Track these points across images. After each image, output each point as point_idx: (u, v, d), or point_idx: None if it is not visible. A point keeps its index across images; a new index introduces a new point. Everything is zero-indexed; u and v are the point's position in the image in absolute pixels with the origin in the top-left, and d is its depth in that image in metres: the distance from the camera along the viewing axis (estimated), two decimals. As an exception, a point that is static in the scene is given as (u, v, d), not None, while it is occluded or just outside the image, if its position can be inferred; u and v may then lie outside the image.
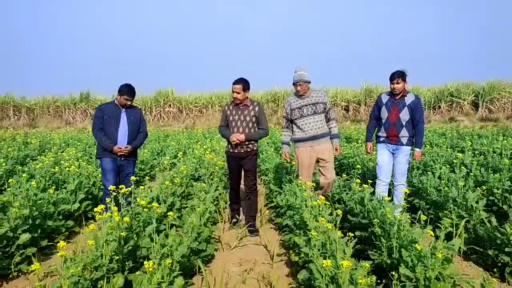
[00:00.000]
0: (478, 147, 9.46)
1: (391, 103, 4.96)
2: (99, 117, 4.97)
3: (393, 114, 4.91)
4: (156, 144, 12.77)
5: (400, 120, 4.86)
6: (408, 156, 4.95)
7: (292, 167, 6.83)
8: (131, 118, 5.02)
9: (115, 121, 4.93)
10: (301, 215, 3.71)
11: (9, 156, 9.33)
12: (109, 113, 4.96)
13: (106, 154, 4.92)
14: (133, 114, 5.08)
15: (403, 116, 4.86)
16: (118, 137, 4.91)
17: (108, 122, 4.92)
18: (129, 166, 5.04)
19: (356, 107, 27.97)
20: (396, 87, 4.84)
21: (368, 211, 3.93)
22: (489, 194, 4.92)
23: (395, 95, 4.92)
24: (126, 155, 4.95)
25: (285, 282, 3.45)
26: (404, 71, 4.87)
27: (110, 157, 4.92)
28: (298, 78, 4.86)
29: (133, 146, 5.01)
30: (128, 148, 4.92)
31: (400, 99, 4.91)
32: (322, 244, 2.85)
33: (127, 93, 4.92)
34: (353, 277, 2.23)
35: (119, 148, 4.86)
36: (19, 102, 30.39)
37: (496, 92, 26.51)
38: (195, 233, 3.73)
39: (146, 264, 2.25)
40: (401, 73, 4.83)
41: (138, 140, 5.10)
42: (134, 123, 5.03)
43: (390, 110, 4.93)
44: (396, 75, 4.82)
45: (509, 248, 3.36)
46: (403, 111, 4.86)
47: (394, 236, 3.06)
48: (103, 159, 4.95)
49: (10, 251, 3.77)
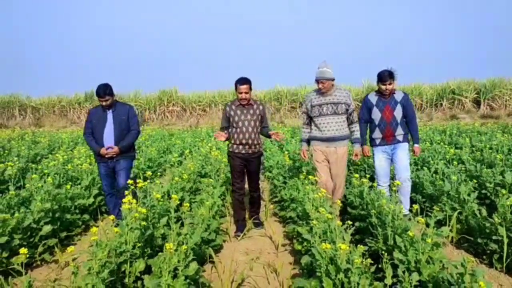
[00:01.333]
0: (477, 143, 9.71)
1: (382, 103, 4.88)
2: (88, 121, 4.92)
3: (387, 113, 4.84)
4: (162, 142, 13.06)
5: (395, 118, 4.83)
6: (407, 151, 4.94)
7: (296, 163, 7.12)
8: (118, 118, 4.86)
9: (101, 123, 4.83)
10: (303, 207, 3.99)
11: (20, 155, 9.66)
12: (97, 116, 4.88)
13: (99, 159, 4.88)
14: (121, 112, 4.90)
15: (397, 114, 4.84)
16: (104, 139, 4.79)
17: (96, 125, 4.84)
18: (119, 163, 4.89)
19: (359, 106, 28.19)
20: (389, 88, 4.79)
21: (366, 204, 4.20)
22: (482, 187, 5.19)
23: (384, 94, 4.86)
24: (115, 156, 4.81)
25: (289, 268, 3.73)
26: (393, 70, 4.81)
27: (102, 162, 4.87)
28: (319, 75, 4.61)
29: (121, 146, 4.81)
30: (114, 150, 4.76)
31: (390, 97, 4.87)
32: (323, 232, 3.12)
33: (98, 94, 4.73)
34: (350, 258, 2.51)
35: (105, 149, 4.75)
36: (24, 101, 30.81)
37: (497, 90, 26.66)
38: (205, 225, 4.02)
39: (167, 245, 2.53)
40: (391, 73, 4.78)
41: (126, 140, 4.88)
42: (121, 122, 4.86)
43: (383, 110, 4.85)
44: (387, 76, 4.74)
45: (496, 236, 3.63)
46: (396, 109, 4.83)
47: (389, 225, 3.34)
48: (98, 164, 4.96)
49: (33, 241, 4.08)
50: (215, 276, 3.65)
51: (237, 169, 4.85)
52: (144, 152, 9.78)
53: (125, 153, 4.92)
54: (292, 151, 9.19)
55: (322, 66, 4.62)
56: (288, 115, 27.26)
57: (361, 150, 4.94)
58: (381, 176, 4.99)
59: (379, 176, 5.01)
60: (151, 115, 29.22)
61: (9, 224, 3.78)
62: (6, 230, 3.71)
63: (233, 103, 4.85)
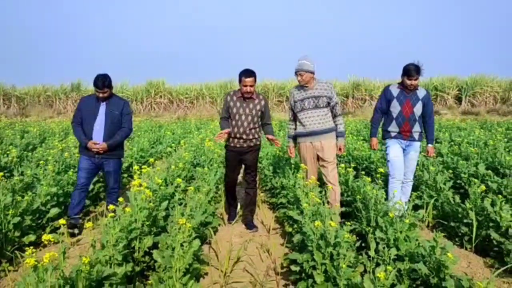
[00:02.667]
0: (456, 138, 10.20)
1: (403, 96, 4.70)
2: (78, 110, 4.62)
3: (406, 108, 4.67)
4: (152, 134, 13.28)
5: (414, 114, 4.68)
6: (418, 152, 4.85)
7: (285, 155, 7.46)
8: (111, 112, 4.54)
9: (92, 114, 4.51)
10: (294, 193, 4.34)
11: (13, 143, 9.80)
12: (88, 106, 4.56)
13: (83, 151, 4.56)
14: (115, 107, 4.58)
15: (417, 110, 4.68)
16: (93, 133, 4.47)
17: (86, 116, 4.53)
18: (108, 164, 4.60)
19: (344, 100, 28.67)
20: (414, 84, 4.63)
21: (353, 190, 4.57)
22: (457, 178, 5.62)
23: (408, 89, 4.69)
24: (103, 153, 4.50)
25: (280, 248, 4.07)
26: (420, 65, 4.63)
27: (87, 155, 4.53)
28: (298, 67, 4.55)
29: (109, 144, 4.47)
30: (102, 146, 4.44)
31: (412, 92, 4.70)
32: (313, 214, 3.47)
33: (96, 85, 4.43)
34: (337, 235, 2.85)
35: (93, 143, 4.43)
36: (9, 91, 30.45)
37: (478, 87, 27.48)
38: (203, 209, 4.34)
39: (180, 220, 2.84)
40: (418, 68, 4.60)
41: (116, 137, 4.54)
42: (114, 117, 4.55)
43: (403, 104, 4.68)
44: (414, 71, 4.56)
45: (467, 219, 4.04)
46: (417, 105, 4.67)
47: (372, 208, 3.71)
48: (81, 156, 4.63)
49: (41, 223, 4.35)
50: (213, 255, 3.98)
51: (231, 163, 4.78)
52: (136, 142, 10.01)
53: (114, 151, 4.59)
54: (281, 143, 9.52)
55: (301, 59, 4.57)
56: (275, 109, 27.58)
57: (344, 144, 4.77)
58: (397, 169, 4.73)
59: (395, 169, 4.73)
60: (138, 107, 29.21)
61: (20, 206, 4.04)
62: (18, 211, 3.96)
63: (235, 94, 4.69)
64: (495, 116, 23.18)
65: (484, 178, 5.31)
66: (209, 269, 3.63)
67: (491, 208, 3.92)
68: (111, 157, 4.59)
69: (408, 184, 4.84)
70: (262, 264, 3.85)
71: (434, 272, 2.70)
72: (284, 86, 28.38)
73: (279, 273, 3.55)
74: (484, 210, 4.01)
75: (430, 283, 2.67)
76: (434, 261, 2.73)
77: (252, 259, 3.90)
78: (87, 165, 4.56)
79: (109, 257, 2.75)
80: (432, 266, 2.74)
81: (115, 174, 4.68)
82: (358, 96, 28.48)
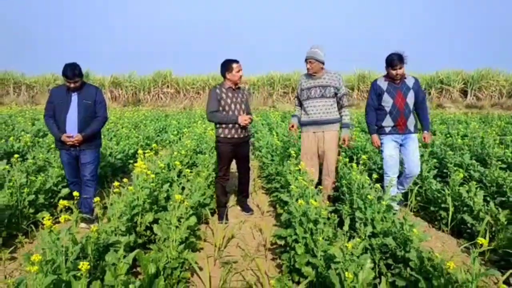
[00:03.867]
0: (453, 131, 10.46)
1: (393, 88, 4.57)
2: (49, 102, 4.38)
3: (399, 99, 4.53)
4: (158, 123, 13.67)
5: (408, 105, 4.53)
6: (417, 143, 4.68)
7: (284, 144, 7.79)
8: (83, 102, 4.33)
9: (64, 106, 4.30)
10: (285, 178, 4.67)
11: (25, 130, 10.23)
12: (60, 98, 4.33)
13: (60, 145, 4.39)
14: (87, 96, 4.36)
15: (410, 100, 4.54)
16: (67, 125, 4.29)
17: (58, 108, 4.31)
18: (84, 155, 4.41)
19: (350, 92, 28.84)
20: (399, 73, 4.48)
21: (340, 177, 4.89)
22: (444, 167, 5.92)
23: (395, 80, 4.57)
24: (79, 145, 4.34)
25: (271, 228, 4.41)
26: (402, 53, 4.52)
27: (64, 149, 4.38)
28: (308, 55, 4.56)
29: (84, 134, 4.30)
30: (77, 138, 4.27)
31: (401, 83, 4.57)
32: (300, 195, 3.80)
33: (65, 75, 4.20)
34: (317, 212, 3.19)
35: (67, 136, 4.26)
36: (19, 79, 31.03)
37: (484, 81, 27.51)
38: (202, 191, 4.69)
39: (176, 196, 3.19)
40: (401, 56, 4.48)
41: (91, 127, 4.35)
42: (87, 107, 4.34)
43: (395, 96, 4.54)
44: (397, 60, 4.44)
45: (445, 204, 4.36)
46: (409, 95, 4.54)
47: (355, 192, 4.04)
48: (60, 150, 4.48)
49: (54, 202, 4.74)
50: (210, 233, 4.35)
51: (226, 155, 4.70)
52: (142, 131, 10.39)
53: (89, 141, 4.41)
54: (282, 133, 9.84)
55: (313, 47, 4.59)
56: (280, 100, 27.87)
57: (349, 135, 4.72)
58: (391, 167, 4.63)
59: (389, 167, 4.63)
60: (146, 96, 29.67)
61: (34, 185, 4.43)
62: (32, 190, 4.35)
63: (222, 86, 4.66)
64: (498, 110, 23.26)
65: (468, 167, 5.61)
66: (205, 244, 4.00)
67: (466, 194, 4.23)
68: (88, 148, 4.41)
69: (411, 178, 4.69)
70: (254, 241, 4.20)
71: (401, 246, 3.03)
72: (289, 77, 28.62)
73: (268, 249, 3.91)
74: (460, 196, 4.33)
75: (397, 255, 3.00)
76: (402, 236, 3.06)
77: (245, 237, 4.26)
78: (68, 158, 4.41)
79: (114, 228, 3.11)
80: (400, 241, 3.07)
81: (91, 165, 4.44)
82: (364, 88, 28.65)
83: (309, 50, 4.59)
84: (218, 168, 4.82)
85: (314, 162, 4.73)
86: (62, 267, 2.12)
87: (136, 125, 12.98)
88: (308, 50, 4.61)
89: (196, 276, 3.24)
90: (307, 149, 4.76)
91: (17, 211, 4.09)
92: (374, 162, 6.43)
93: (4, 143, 7.32)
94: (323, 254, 2.91)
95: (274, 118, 15.06)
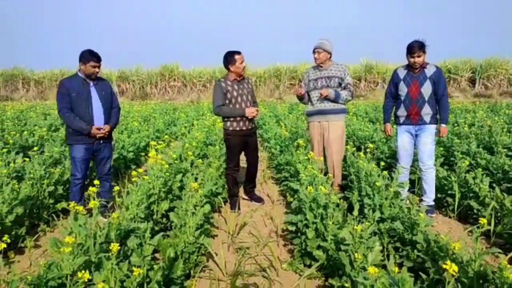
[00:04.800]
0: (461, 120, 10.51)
1: (410, 77, 4.51)
2: (65, 95, 4.14)
3: (413, 88, 4.46)
4: (167, 116, 13.84)
5: (422, 95, 4.43)
6: (433, 135, 4.54)
7: (292, 135, 7.92)
8: (103, 93, 4.31)
9: (85, 98, 4.17)
10: (295, 167, 4.80)
11: (37, 125, 10.45)
12: (77, 90, 4.16)
13: (80, 140, 4.20)
14: (103, 87, 4.36)
15: (425, 90, 4.42)
16: (94, 117, 4.21)
17: (77, 101, 4.14)
18: (105, 149, 4.41)
19: (357, 83, 28.79)
20: (417, 61, 4.38)
21: (348, 166, 5.01)
22: (451, 155, 6.00)
23: (414, 68, 4.48)
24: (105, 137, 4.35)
25: (282, 216, 4.56)
26: (424, 41, 4.41)
27: (84, 144, 4.21)
28: (317, 45, 4.72)
29: (112, 125, 4.38)
30: (107, 129, 4.28)
31: (420, 72, 4.47)
32: (309, 183, 3.93)
33: (93, 57, 4.16)
34: (327, 198, 3.32)
35: (98, 129, 4.20)
36: (27, 75, 31.36)
37: (492, 69, 27.31)
38: (214, 181, 4.83)
39: (193, 184, 3.34)
40: (422, 44, 4.38)
41: (114, 118, 4.44)
42: (106, 97, 4.33)
43: (410, 85, 4.48)
44: (417, 47, 4.34)
45: (451, 191, 4.46)
46: (424, 85, 4.42)
47: (363, 179, 4.16)
48: (75, 146, 4.22)
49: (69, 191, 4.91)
50: (222, 221, 4.50)
51: (236, 147, 4.79)
52: (152, 124, 10.56)
53: (109, 134, 4.41)
54: (290, 125, 9.95)
55: (322, 39, 4.76)
56: (287, 92, 27.91)
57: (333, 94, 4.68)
58: (402, 157, 4.66)
59: (400, 157, 4.68)
60: (153, 90, 29.87)
61: (53, 177, 4.60)
62: (51, 181, 4.52)
63: (227, 79, 4.69)
64: (507, 98, 23.13)
65: (475, 155, 5.69)
66: (218, 232, 4.15)
67: (472, 180, 4.33)
68: (107, 142, 4.43)
69: (429, 171, 4.52)
70: (266, 228, 4.34)
71: (409, 229, 3.15)
72: (296, 69, 28.63)
73: (279, 235, 4.05)
74: (467, 183, 4.43)
75: (405, 238, 3.12)
76: (409, 220, 3.18)
77: (257, 225, 4.40)
78: (86, 154, 4.26)
79: (133, 215, 3.27)
80: (407, 225, 3.19)
81: (110, 159, 4.50)
82: (371, 79, 28.61)
83: (318, 41, 4.76)
84: (228, 160, 4.91)
85: (321, 149, 4.90)
86: (92, 249, 2.28)
87: (145, 118, 13.16)
88: (316, 41, 4.77)
89: (211, 261, 3.39)
90: (314, 136, 4.94)
91: (38, 202, 4.27)
92: (382, 152, 6.53)
93: (20, 138, 7.53)
94: (333, 238, 3.04)
95: (281, 110, 15.16)
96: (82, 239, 2.33)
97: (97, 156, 4.39)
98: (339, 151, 4.82)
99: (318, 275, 3.11)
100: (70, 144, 4.28)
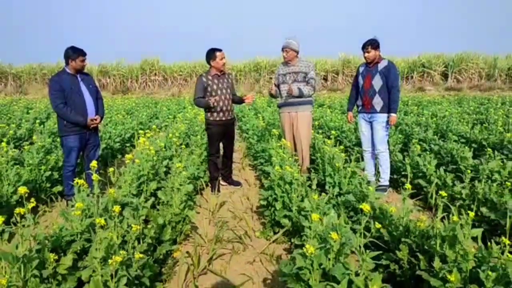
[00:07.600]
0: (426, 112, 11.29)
1: (366, 71, 5.10)
2: (58, 91, 4.40)
3: (366, 81, 5.03)
4: (149, 109, 14.24)
5: (373, 87, 4.98)
6: (384, 123, 5.03)
7: (269, 126, 8.48)
8: (90, 86, 4.67)
9: (77, 92, 4.48)
10: (269, 153, 5.37)
11: (23, 118, 10.75)
12: (69, 85, 4.45)
13: (73, 131, 4.52)
14: (89, 81, 4.70)
15: (376, 82, 4.96)
16: (88, 109, 4.56)
17: (71, 96, 4.44)
18: (95, 137, 4.80)
19: (335, 77, 29.56)
20: (367, 56, 4.97)
21: (316, 151, 5.62)
22: (410, 142, 6.68)
23: (369, 63, 5.05)
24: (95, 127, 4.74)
25: (257, 196, 5.13)
26: (376, 38, 4.97)
27: (78, 134, 4.55)
28: (285, 44, 5.16)
29: (101, 116, 4.78)
30: (98, 119, 4.69)
31: (374, 66, 5.01)
32: (279, 165, 4.50)
33: (80, 53, 4.47)
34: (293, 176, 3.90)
35: (92, 120, 4.59)
36: (5, 69, 31.02)
37: (464, 64, 28.42)
38: (196, 166, 5.37)
39: (178, 165, 3.87)
40: (372, 41, 4.94)
41: (102, 109, 4.82)
42: (93, 90, 4.69)
43: (365, 78, 5.06)
44: (367, 44, 4.93)
45: (405, 172, 5.11)
46: (375, 78, 4.96)
47: (327, 162, 4.76)
48: (70, 136, 4.53)
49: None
50: (204, 201, 5.04)
51: (216, 136, 5.23)
52: (136, 117, 10.98)
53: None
54: (268, 117, 10.52)
55: (289, 38, 5.18)
56: (267, 86, 28.44)
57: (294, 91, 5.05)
58: (363, 142, 5.35)
59: (362, 142, 5.38)
60: (133, 84, 30.01)
61: (49, 163, 5.06)
62: (48, 167, 4.98)
63: (208, 74, 5.11)
64: (476, 92, 24.21)
65: (430, 142, 6.38)
66: (200, 209, 4.70)
67: (422, 162, 4.99)
68: (96, 130, 4.84)
69: (381, 155, 5.06)
70: (242, 206, 4.91)
71: (360, 201, 3.76)
72: (276, 63, 29.12)
73: (254, 211, 4.63)
74: (418, 165, 5.09)
75: (356, 207, 3.74)
76: (360, 193, 3.79)
77: (235, 203, 4.96)
78: (80, 143, 4.60)
79: (126, 193, 3.79)
80: (359, 197, 3.80)
81: (99, 147, 4.91)
82: (348, 73, 29.38)
83: (285, 41, 5.21)
84: (210, 148, 5.39)
85: (290, 136, 5.39)
86: (95, 213, 2.79)
87: (128, 112, 13.55)
88: (284, 41, 5.22)
89: (194, 232, 3.94)
90: (284, 126, 5.42)
91: (37, 185, 4.73)
92: (349, 140, 7.17)
93: (7, 130, 7.89)
94: (297, 208, 3.62)
95: (260, 103, 15.73)
96: (87, 206, 2.84)
97: (89, 145, 4.73)
98: (307, 137, 5.34)
99: (285, 240, 3.71)
100: (65, 135, 4.55)
